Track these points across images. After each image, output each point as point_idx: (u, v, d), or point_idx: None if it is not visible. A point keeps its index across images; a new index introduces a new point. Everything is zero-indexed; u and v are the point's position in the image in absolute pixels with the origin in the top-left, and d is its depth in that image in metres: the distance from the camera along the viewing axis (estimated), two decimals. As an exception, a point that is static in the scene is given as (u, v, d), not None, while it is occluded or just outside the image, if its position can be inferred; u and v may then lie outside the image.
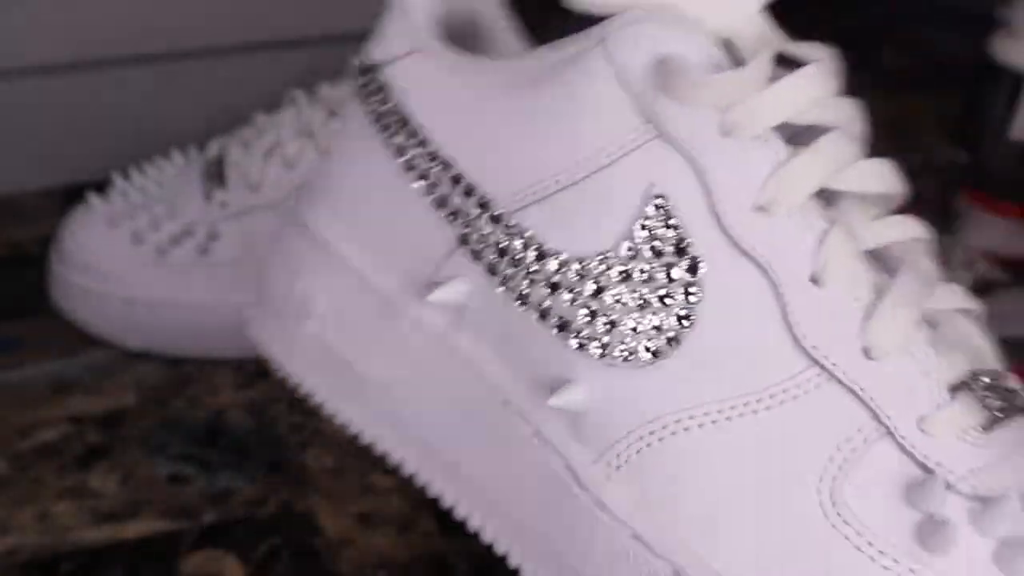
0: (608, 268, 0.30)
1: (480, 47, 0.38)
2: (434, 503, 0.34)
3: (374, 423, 0.35)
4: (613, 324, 0.30)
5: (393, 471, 0.35)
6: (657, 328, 0.29)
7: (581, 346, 0.30)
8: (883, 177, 0.31)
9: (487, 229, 0.32)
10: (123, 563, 0.40)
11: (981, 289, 0.57)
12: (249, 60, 0.61)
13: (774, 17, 0.32)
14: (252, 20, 0.60)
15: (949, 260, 0.58)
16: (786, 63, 0.31)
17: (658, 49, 0.30)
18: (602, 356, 0.30)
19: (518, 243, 0.31)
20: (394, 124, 0.34)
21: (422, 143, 0.34)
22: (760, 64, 0.30)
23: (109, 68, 0.59)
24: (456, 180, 0.33)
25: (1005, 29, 0.64)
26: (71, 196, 0.58)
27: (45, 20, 0.56)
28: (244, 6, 0.59)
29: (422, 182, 0.33)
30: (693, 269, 0.29)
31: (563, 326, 0.30)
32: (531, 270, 0.31)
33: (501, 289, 0.32)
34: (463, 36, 0.37)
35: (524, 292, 0.31)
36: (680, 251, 0.29)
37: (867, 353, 0.28)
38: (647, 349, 0.29)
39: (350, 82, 0.36)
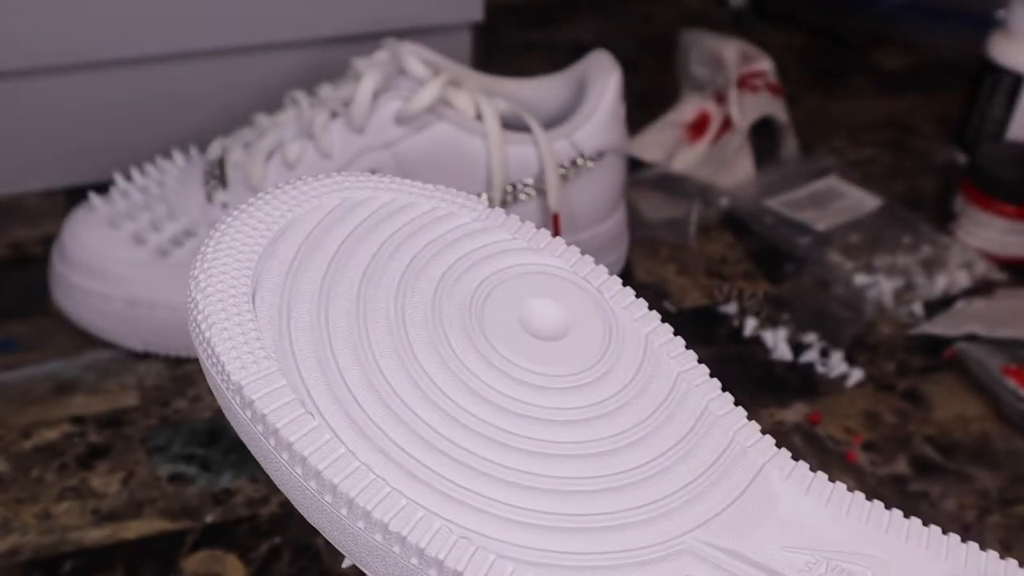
0: None
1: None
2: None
3: None
4: None
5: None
6: None
7: None
8: None
9: None
10: (124, 563, 0.40)
11: (981, 289, 0.57)
12: (249, 60, 0.61)
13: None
14: (252, 20, 0.60)
15: (948, 260, 0.58)
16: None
17: None
18: None
19: None
20: None
21: None
22: None
23: (109, 68, 0.59)
24: None
25: (1004, 29, 0.64)
26: (73, 197, 0.59)
27: (45, 20, 0.56)
28: (244, 6, 0.59)
29: None
30: None
31: None
32: None
33: None
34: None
35: None
36: None
37: None
38: None
39: None
